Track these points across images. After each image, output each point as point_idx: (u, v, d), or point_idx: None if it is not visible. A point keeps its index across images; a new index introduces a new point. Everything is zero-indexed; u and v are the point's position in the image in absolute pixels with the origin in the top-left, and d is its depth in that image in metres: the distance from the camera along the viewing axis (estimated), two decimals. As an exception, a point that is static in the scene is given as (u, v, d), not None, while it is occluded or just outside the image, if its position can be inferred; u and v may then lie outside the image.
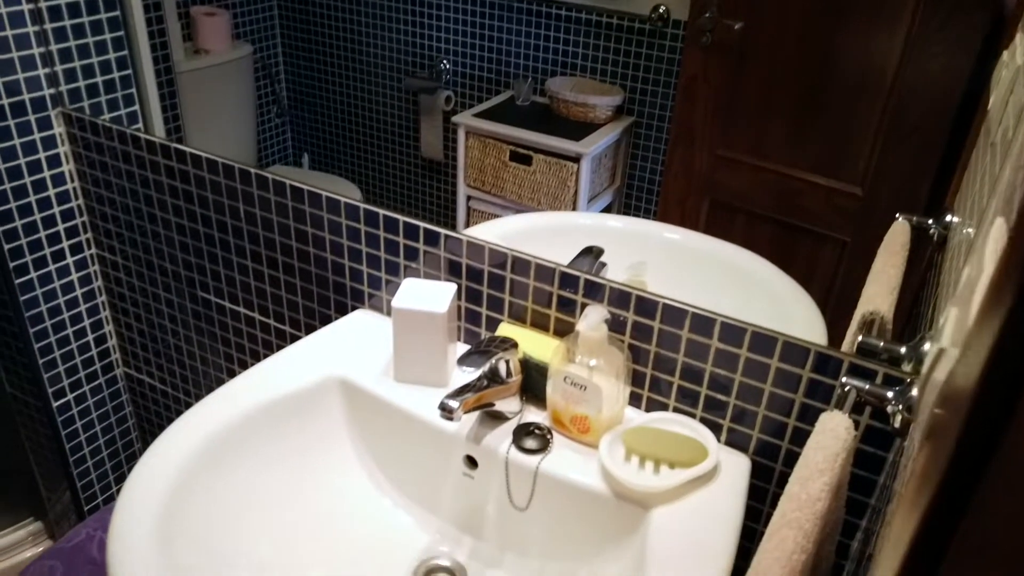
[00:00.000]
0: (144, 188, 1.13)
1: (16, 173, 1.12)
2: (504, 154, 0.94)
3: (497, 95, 0.92)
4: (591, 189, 0.89)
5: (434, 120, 0.98)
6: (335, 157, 1.09)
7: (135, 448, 1.48)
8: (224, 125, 1.20)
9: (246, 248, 1.08)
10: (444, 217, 0.98)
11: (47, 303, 1.23)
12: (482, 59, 0.91)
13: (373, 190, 1.02)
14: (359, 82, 1.04)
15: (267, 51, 1.14)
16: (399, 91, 1.00)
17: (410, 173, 1.02)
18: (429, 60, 0.95)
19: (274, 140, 1.18)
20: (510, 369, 0.81)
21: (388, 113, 1.02)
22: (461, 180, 0.98)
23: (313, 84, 1.09)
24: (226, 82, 1.20)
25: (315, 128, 1.10)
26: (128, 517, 0.69)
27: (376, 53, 1.00)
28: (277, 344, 1.14)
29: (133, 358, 1.37)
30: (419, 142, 1.01)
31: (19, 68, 1.07)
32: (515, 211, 0.94)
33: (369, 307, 1.01)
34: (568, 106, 0.87)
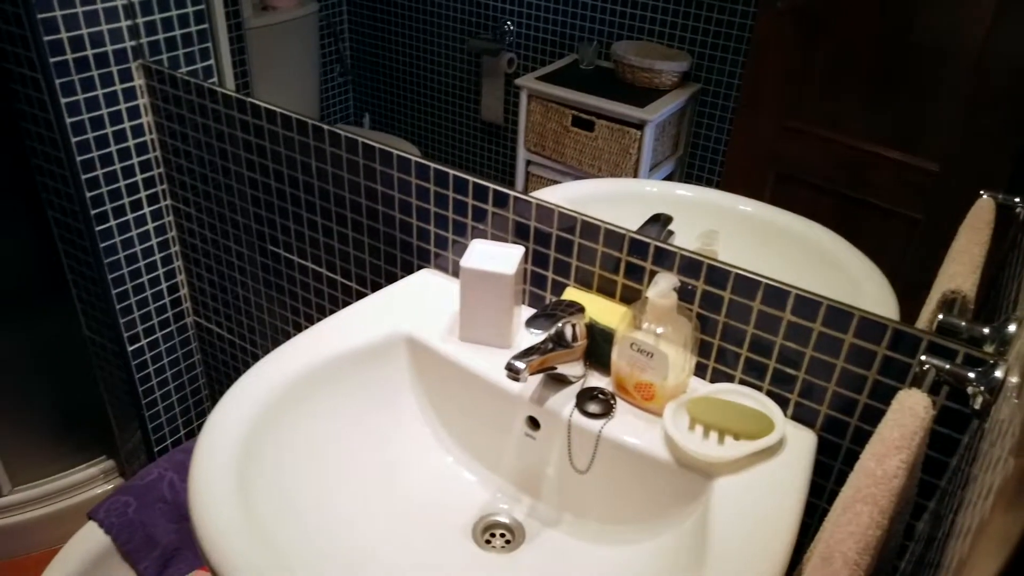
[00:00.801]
0: (219, 142, 1.15)
1: (98, 123, 1.15)
2: (566, 119, 0.93)
3: (560, 58, 0.91)
4: (653, 157, 0.88)
5: (495, 83, 0.97)
6: (395, 117, 1.09)
7: (202, 394, 1.54)
8: (289, 82, 1.21)
9: (316, 203, 1.10)
10: (502, 182, 0.98)
11: (124, 251, 1.28)
12: (546, 21, 0.89)
13: (432, 152, 1.02)
14: (422, 43, 1.03)
15: (332, 9, 1.15)
16: (461, 52, 1.00)
17: (469, 136, 1.02)
18: (493, 21, 0.94)
19: (336, 99, 1.19)
20: (576, 333, 0.81)
21: (449, 75, 1.01)
22: (521, 144, 0.97)
23: (376, 44, 1.09)
24: (292, 39, 1.21)
25: (377, 88, 1.10)
26: (208, 459, 0.72)
27: (440, 13, 0.99)
28: (343, 300, 1.17)
29: (203, 307, 1.41)
30: (479, 105, 1.01)
31: (103, 19, 1.10)
32: (574, 177, 0.93)
33: (435, 266, 1.02)
34: (633, 71, 0.85)
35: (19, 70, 1.11)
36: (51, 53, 1.06)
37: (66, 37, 1.07)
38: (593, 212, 0.85)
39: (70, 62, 1.08)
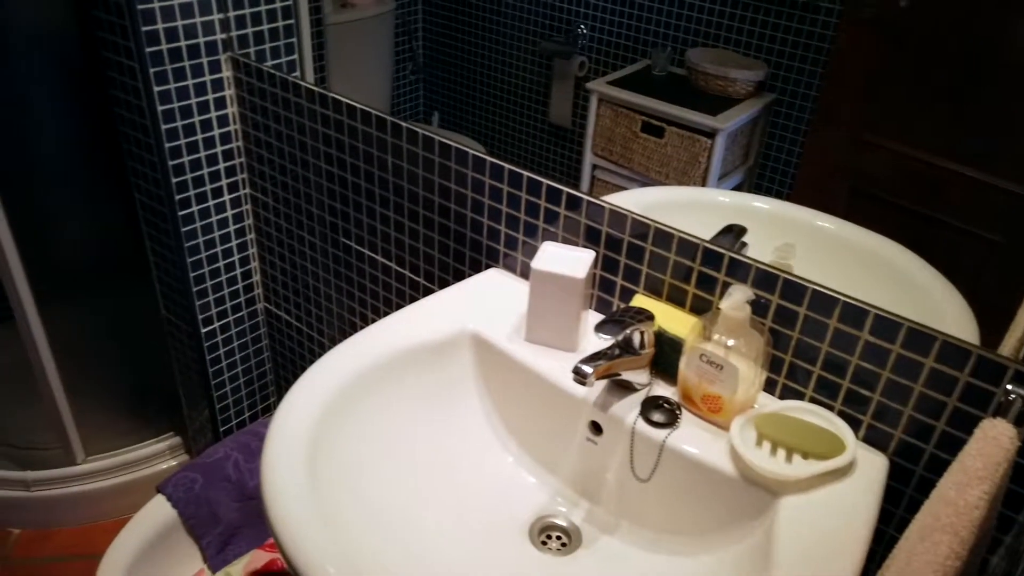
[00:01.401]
0: (299, 134, 1.19)
1: (187, 112, 1.20)
2: (636, 124, 0.93)
3: (633, 63, 0.90)
4: (722, 166, 0.87)
5: (565, 85, 0.97)
6: (463, 116, 1.10)
7: (268, 378, 1.59)
8: (363, 78, 1.24)
9: (389, 199, 1.12)
10: (567, 185, 0.98)
11: (204, 236, 1.32)
12: (620, 26, 0.89)
13: (497, 152, 1.03)
14: (494, 43, 1.04)
15: (408, 8, 1.16)
16: (533, 54, 1.00)
17: (536, 138, 1.02)
18: (566, 24, 0.94)
19: (407, 96, 1.21)
20: (644, 341, 0.81)
21: (520, 76, 1.02)
22: (588, 148, 0.97)
23: (449, 43, 1.10)
24: (368, 36, 1.24)
25: (447, 87, 1.12)
26: (280, 445, 0.74)
27: (513, 15, 1.00)
28: (409, 294, 1.19)
29: (274, 295, 1.45)
30: (548, 107, 1.01)
31: (197, 12, 1.14)
32: (640, 183, 0.93)
33: (503, 266, 1.03)
34: (707, 79, 0.84)
35: (117, 58, 1.17)
36: (147, 43, 1.10)
37: (162, 28, 1.11)
38: (664, 219, 0.85)
39: (164, 52, 1.13)
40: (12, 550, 1.59)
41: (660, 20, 0.85)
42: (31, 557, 1.58)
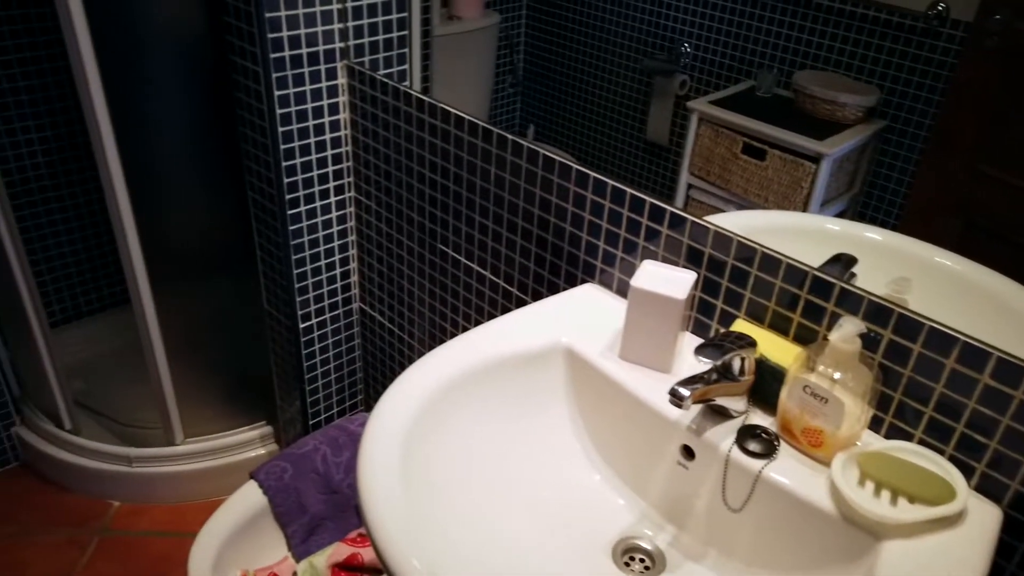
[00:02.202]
0: (405, 141, 1.22)
1: (302, 116, 1.25)
2: (736, 146, 0.91)
3: (736, 84, 0.89)
4: (826, 192, 0.84)
5: (665, 103, 0.97)
6: (559, 130, 1.11)
7: (357, 376, 1.63)
8: (464, 89, 1.26)
9: (489, 208, 1.13)
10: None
11: (309, 235, 1.38)
12: (725, 45, 0.88)
13: (591, 167, 1.02)
14: (595, 59, 1.04)
15: (512, 22, 1.18)
16: (634, 71, 1.00)
17: (631, 155, 1.02)
18: (669, 42, 0.94)
19: (504, 108, 1.22)
20: (744, 368, 0.79)
21: (619, 92, 1.02)
22: (685, 167, 0.96)
23: (549, 57, 1.11)
24: (472, 49, 1.26)
25: (544, 100, 1.13)
26: (377, 441, 0.76)
27: (616, 32, 1.00)
28: (502, 304, 1.20)
29: (369, 295, 1.50)
30: (645, 124, 1.00)
31: (319, 22, 1.19)
32: (738, 206, 0.91)
33: (599, 282, 1.03)
34: (815, 102, 0.82)
35: (242, 62, 1.23)
36: (272, 49, 1.16)
37: (286, 36, 1.17)
38: (767, 244, 0.83)
39: (287, 59, 1.18)
40: (111, 521, 1.68)
41: (768, 41, 0.84)
42: (128, 530, 1.67)
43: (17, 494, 1.73)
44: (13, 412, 1.76)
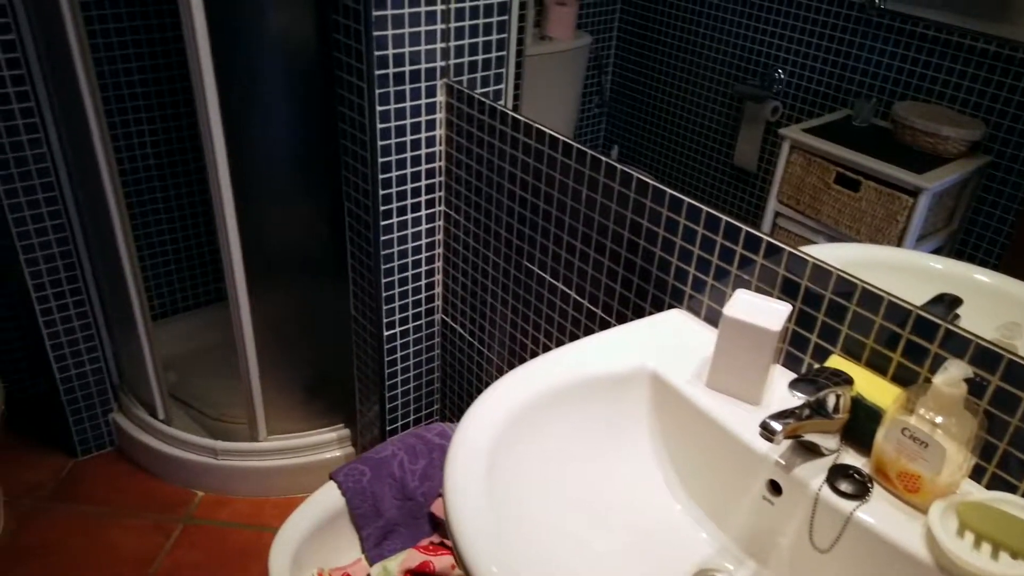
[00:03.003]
0: (498, 159, 1.24)
1: (401, 131, 1.29)
2: (829, 175, 0.89)
3: (831, 112, 0.87)
4: (923, 227, 0.81)
5: (755, 129, 0.96)
6: (643, 151, 1.10)
7: (435, 386, 1.66)
8: (551, 108, 1.28)
9: (578, 229, 1.14)
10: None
11: (398, 246, 1.42)
12: (821, 73, 0.86)
13: (675, 190, 1.02)
14: (684, 82, 1.04)
15: (603, 43, 1.19)
16: (724, 96, 0.99)
17: (717, 179, 1.01)
18: (763, 68, 0.93)
19: (589, 128, 1.23)
20: (839, 405, 0.77)
21: (708, 116, 1.01)
22: (773, 195, 0.94)
23: (638, 79, 1.11)
24: (561, 69, 1.27)
25: (630, 121, 1.13)
26: (464, 452, 0.77)
27: (708, 56, 0.99)
28: (585, 324, 1.20)
29: (452, 308, 1.52)
30: (733, 149, 0.99)
31: (423, 41, 1.23)
32: (828, 236, 0.89)
33: (686, 308, 1.02)
34: (915, 134, 0.80)
35: (348, 77, 1.28)
36: (378, 66, 1.21)
37: (391, 54, 1.21)
38: (865, 278, 0.81)
39: (390, 76, 1.23)
40: (195, 510, 1.76)
41: (867, 70, 0.82)
42: (210, 519, 1.74)
43: (110, 477, 1.83)
44: (112, 399, 1.86)
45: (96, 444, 1.89)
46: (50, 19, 1.40)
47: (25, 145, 1.51)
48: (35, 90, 1.50)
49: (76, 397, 1.80)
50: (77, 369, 1.77)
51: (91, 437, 1.87)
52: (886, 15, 0.80)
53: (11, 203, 1.54)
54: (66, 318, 1.70)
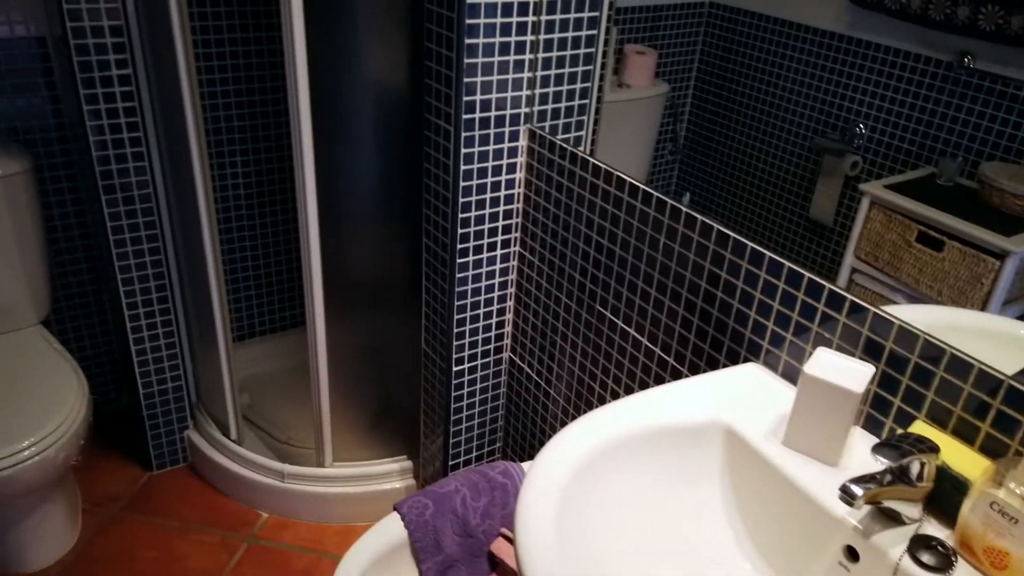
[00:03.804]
0: (576, 204, 1.26)
1: (483, 173, 1.33)
2: (911, 233, 0.87)
3: (914, 169, 0.86)
4: (1009, 292, 0.79)
5: (833, 183, 0.95)
6: (715, 200, 1.10)
7: (499, 424, 1.67)
8: (625, 153, 1.29)
9: (653, 275, 1.15)
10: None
11: (472, 284, 1.44)
12: (905, 129, 0.85)
13: (748, 239, 1.01)
14: (760, 132, 1.04)
15: (679, 91, 1.20)
16: (802, 148, 0.98)
17: (790, 231, 1.00)
18: (843, 122, 0.92)
19: (661, 174, 1.24)
20: (923, 473, 0.75)
21: (783, 168, 1.01)
22: (850, 250, 0.93)
23: (713, 127, 1.12)
24: (637, 115, 1.29)
25: (703, 168, 1.13)
26: (536, 495, 0.78)
27: (786, 107, 0.99)
28: (656, 372, 1.20)
29: (520, 347, 1.54)
30: (809, 202, 0.98)
31: (510, 88, 1.27)
32: (907, 295, 0.87)
33: (763, 362, 1.01)
34: (1003, 196, 0.78)
35: (435, 120, 1.33)
36: (465, 111, 1.25)
37: (479, 99, 1.25)
38: (952, 343, 0.79)
39: (476, 120, 1.27)
40: (260, 531, 1.80)
41: (953, 128, 0.81)
42: (273, 541, 1.78)
43: (182, 492, 1.89)
44: (189, 417, 1.94)
45: (171, 459, 1.96)
46: (165, 66, 1.50)
47: (131, 172, 1.61)
48: (144, 125, 1.60)
49: (156, 413, 1.88)
50: (159, 386, 1.85)
51: (167, 452, 1.94)
52: (975, 74, 0.79)
53: (114, 225, 1.64)
54: (154, 336, 1.79)
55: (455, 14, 1.19)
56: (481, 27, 1.20)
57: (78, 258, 1.91)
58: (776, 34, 1.03)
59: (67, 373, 1.62)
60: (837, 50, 0.94)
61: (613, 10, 1.29)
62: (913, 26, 0.85)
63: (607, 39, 1.31)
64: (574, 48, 1.29)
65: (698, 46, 1.17)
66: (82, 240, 1.90)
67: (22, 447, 1.43)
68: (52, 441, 1.46)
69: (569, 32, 1.27)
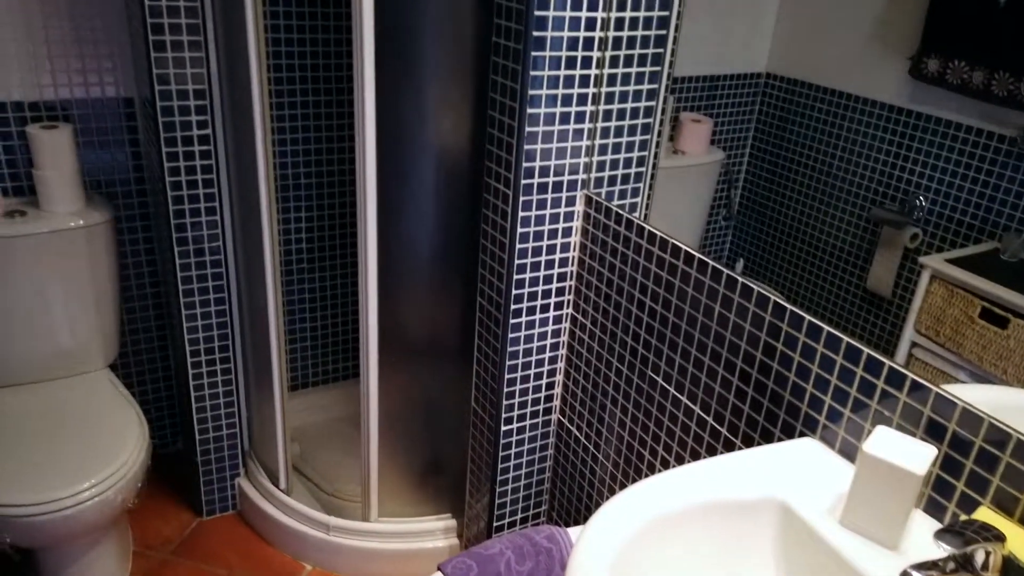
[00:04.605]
0: (632, 269, 1.28)
1: (540, 235, 1.36)
2: (974, 309, 0.86)
3: (977, 244, 0.84)
4: None
5: (892, 255, 0.94)
6: (769, 267, 1.09)
7: (545, 486, 1.65)
8: (678, 219, 1.30)
9: (707, 344, 1.14)
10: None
11: (524, 344, 1.46)
12: (967, 203, 0.84)
13: (801, 309, 1.00)
14: (816, 201, 1.04)
15: (735, 159, 1.21)
16: (859, 218, 0.98)
17: (846, 301, 0.98)
18: (903, 194, 0.92)
19: (714, 240, 1.24)
20: (989, 563, 0.72)
21: (840, 237, 1.00)
22: (909, 324, 0.91)
23: (768, 194, 1.12)
24: (691, 182, 1.31)
25: (757, 236, 1.12)
26: (587, 560, 0.77)
27: (844, 178, 0.99)
28: (708, 442, 1.18)
29: (569, 409, 1.54)
30: (866, 273, 0.97)
31: (568, 155, 1.30)
32: (970, 373, 0.85)
33: (819, 438, 0.99)
34: None
35: (495, 184, 1.37)
36: (524, 176, 1.28)
37: (538, 165, 1.29)
38: (1016, 425, 0.76)
39: (535, 185, 1.30)
40: (303, 582, 1.80)
41: (1017, 203, 0.80)
42: (315, 593, 1.78)
43: (230, 539, 1.91)
44: (240, 464, 1.97)
45: (221, 506, 1.99)
46: (242, 129, 1.59)
47: (203, 225, 1.69)
48: (219, 182, 1.68)
49: (210, 459, 1.92)
50: (215, 432, 1.90)
51: (217, 499, 1.98)
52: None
53: (183, 275, 1.71)
54: (213, 383, 1.84)
55: (519, 85, 1.24)
56: (543, 98, 1.24)
57: (147, 305, 2.00)
58: (834, 105, 1.04)
59: (130, 417, 1.68)
60: (897, 123, 0.95)
61: (671, 80, 1.32)
62: (975, 101, 0.85)
63: (663, 107, 1.34)
64: (632, 118, 1.32)
65: (754, 115, 1.19)
66: (152, 288, 1.99)
67: (83, 488, 1.47)
68: (112, 483, 1.50)
69: (628, 103, 1.30)
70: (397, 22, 1.36)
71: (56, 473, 1.49)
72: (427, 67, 1.41)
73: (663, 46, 1.29)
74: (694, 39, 1.29)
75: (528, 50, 1.20)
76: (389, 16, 1.35)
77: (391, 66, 1.38)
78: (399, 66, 1.40)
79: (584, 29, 1.23)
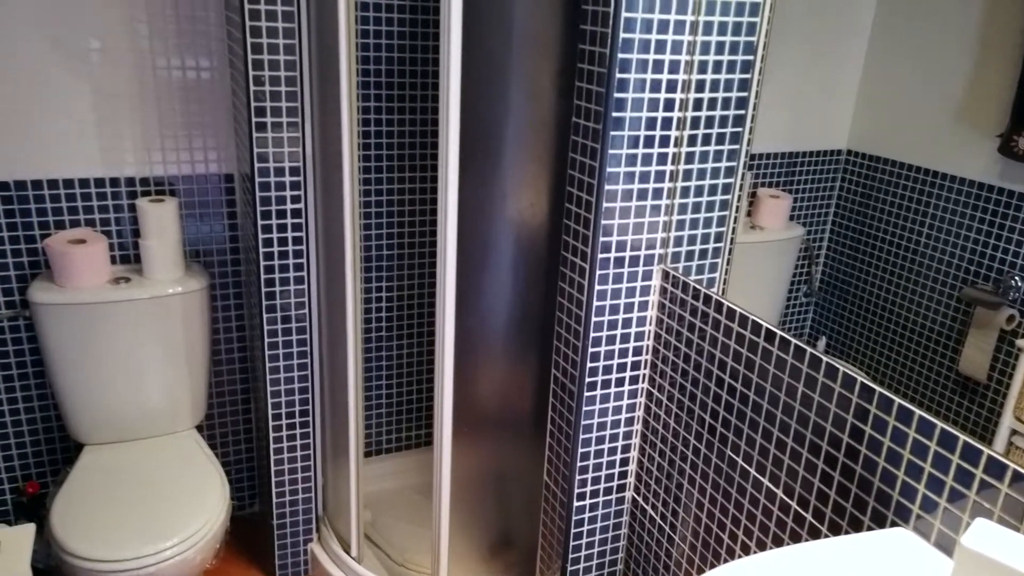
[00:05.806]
0: (710, 345, 1.26)
1: (615, 309, 1.36)
2: None
3: None
4: None
5: (986, 336, 0.89)
6: (852, 347, 1.06)
7: (618, 567, 1.61)
8: (757, 294, 1.28)
9: (790, 424, 1.11)
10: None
11: (598, 418, 1.44)
12: None
13: (888, 390, 0.96)
14: (902, 279, 1.00)
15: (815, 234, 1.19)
16: (949, 298, 0.94)
17: (936, 384, 0.94)
18: (997, 273, 0.88)
19: (795, 317, 1.21)
20: (1111, 676, 0.66)
21: (928, 317, 0.96)
22: (1009, 410, 0.86)
23: (850, 271, 1.09)
24: (770, 257, 1.29)
25: (840, 313, 1.09)
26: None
27: (932, 255, 0.96)
28: (791, 527, 1.13)
29: (644, 487, 1.50)
30: (958, 355, 0.93)
31: (645, 231, 1.32)
32: None
33: (912, 528, 0.94)
34: None
35: (572, 258, 1.39)
36: (601, 250, 1.30)
37: (615, 240, 1.30)
38: None
39: (611, 259, 1.32)
40: (370, 653, 1.78)
41: None
42: (382, 666, 1.75)
43: (300, 605, 1.92)
44: (314, 529, 1.99)
45: (293, 571, 2.01)
46: (332, 205, 1.67)
47: (291, 294, 1.77)
48: (308, 252, 1.77)
49: (285, 523, 1.95)
50: (291, 496, 1.93)
51: (290, 563, 1.99)
52: None
53: (270, 341, 1.78)
54: (292, 448, 1.89)
55: (597, 162, 1.27)
56: (621, 175, 1.27)
57: (234, 369, 2.08)
58: (919, 182, 1.02)
59: (213, 477, 1.73)
60: (987, 200, 0.93)
61: (748, 157, 1.33)
62: (1070, 179, 0.83)
63: (741, 183, 1.35)
64: (710, 194, 1.33)
65: (835, 191, 1.18)
66: (239, 353, 2.07)
67: (166, 546, 1.52)
68: (194, 542, 1.54)
69: (706, 180, 1.31)
70: (480, 111, 1.43)
71: (141, 530, 1.54)
72: (508, 149, 1.46)
73: (741, 125, 1.31)
74: (772, 117, 1.30)
75: (607, 130, 1.24)
76: (472, 106, 1.41)
77: (472, 148, 1.44)
78: (480, 148, 1.45)
79: (663, 110, 1.26)
